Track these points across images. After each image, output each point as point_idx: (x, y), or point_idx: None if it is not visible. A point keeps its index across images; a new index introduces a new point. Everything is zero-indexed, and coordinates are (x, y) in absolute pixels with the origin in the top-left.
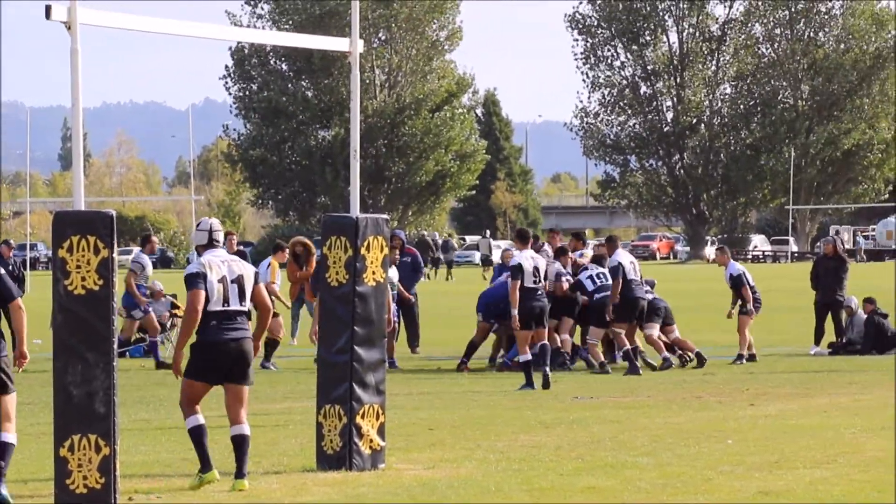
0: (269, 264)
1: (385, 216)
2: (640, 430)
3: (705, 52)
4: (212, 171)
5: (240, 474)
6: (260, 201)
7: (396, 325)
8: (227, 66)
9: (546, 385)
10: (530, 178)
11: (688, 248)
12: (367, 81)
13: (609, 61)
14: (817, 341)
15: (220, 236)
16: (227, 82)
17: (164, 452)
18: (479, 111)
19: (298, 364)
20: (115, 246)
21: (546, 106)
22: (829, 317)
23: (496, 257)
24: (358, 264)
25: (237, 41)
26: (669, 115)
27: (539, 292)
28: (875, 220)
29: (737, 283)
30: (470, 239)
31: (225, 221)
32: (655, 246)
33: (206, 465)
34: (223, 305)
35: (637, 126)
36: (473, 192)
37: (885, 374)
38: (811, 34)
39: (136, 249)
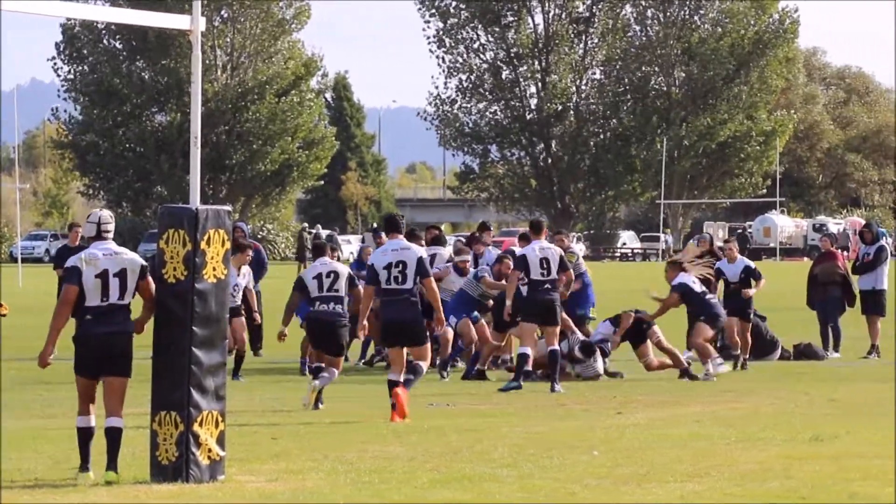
0: None
1: (227, 208)
2: (499, 439)
3: (572, 35)
4: (38, 157)
5: (110, 466)
6: (91, 191)
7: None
8: (56, 45)
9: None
10: (383, 169)
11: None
12: (208, 62)
13: (468, 43)
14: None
15: (111, 228)
16: (55, 62)
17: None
18: (328, 95)
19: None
20: None
21: (401, 90)
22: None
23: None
24: (197, 259)
25: (67, 17)
26: (533, 102)
27: (546, 285)
28: (752, 216)
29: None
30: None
31: (52, 213)
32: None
33: (84, 464)
34: (101, 300)
35: (498, 113)
36: (322, 182)
37: (761, 382)
38: (685, 17)
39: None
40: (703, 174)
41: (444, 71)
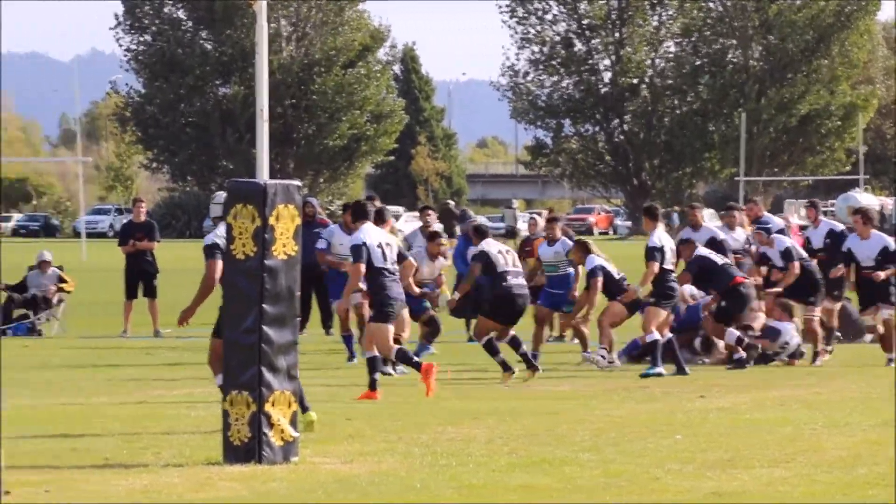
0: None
1: (297, 182)
2: (578, 422)
3: (647, 6)
4: (100, 130)
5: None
6: (154, 164)
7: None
8: (117, 15)
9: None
10: (454, 143)
11: (629, 223)
12: (273, 33)
13: (540, 15)
14: None
15: None
16: (117, 32)
17: (52, 442)
18: (396, 68)
19: (200, 344)
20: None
21: (471, 63)
22: None
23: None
24: (266, 235)
25: None
26: (607, 76)
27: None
28: (834, 194)
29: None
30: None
31: (116, 186)
32: (593, 220)
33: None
34: None
35: (571, 87)
36: (392, 157)
37: (845, 366)
38: None
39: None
40: (784, 151)
41: (515, 42)
